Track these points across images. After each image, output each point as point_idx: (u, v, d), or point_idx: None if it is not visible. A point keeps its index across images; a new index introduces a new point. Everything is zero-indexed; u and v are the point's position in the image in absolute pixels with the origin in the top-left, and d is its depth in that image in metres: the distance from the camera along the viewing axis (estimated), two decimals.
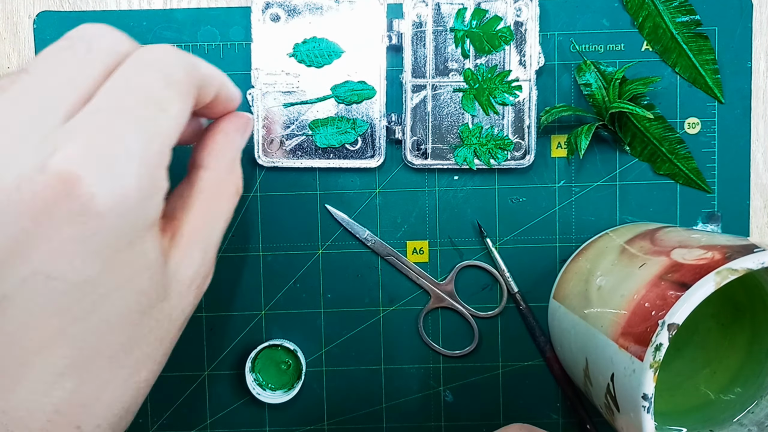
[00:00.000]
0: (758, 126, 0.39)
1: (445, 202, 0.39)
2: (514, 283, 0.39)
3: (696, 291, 0.25)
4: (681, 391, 0.34)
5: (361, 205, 0.39)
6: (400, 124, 0.38)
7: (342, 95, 0.38)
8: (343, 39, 0.38)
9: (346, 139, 0.38)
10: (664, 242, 0.31)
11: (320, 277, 0.39)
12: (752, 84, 0.39)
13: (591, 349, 0.31)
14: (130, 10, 0.39)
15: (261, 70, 0.38)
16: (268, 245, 0.39)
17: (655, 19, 0.38)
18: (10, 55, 0.39)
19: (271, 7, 0.38)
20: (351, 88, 0.38)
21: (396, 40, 0.38)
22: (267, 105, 0.38)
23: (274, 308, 0.39)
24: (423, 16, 0.38)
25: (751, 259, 0.25)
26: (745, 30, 0.38)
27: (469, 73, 0.38)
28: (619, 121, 0.38)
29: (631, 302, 0.28)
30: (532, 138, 0.38)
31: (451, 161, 0.38)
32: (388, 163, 0.39)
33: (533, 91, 0.38)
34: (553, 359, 0.39)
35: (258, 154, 0.38)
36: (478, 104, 0.38)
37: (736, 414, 0.31)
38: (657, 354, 0.25)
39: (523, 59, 0.38)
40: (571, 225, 0.39)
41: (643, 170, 0.39)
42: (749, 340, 0.33)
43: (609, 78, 0.38)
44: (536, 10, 0.37)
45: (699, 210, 0.39)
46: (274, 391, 0.38)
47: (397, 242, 0.39)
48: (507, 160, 0.38)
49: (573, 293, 0.35)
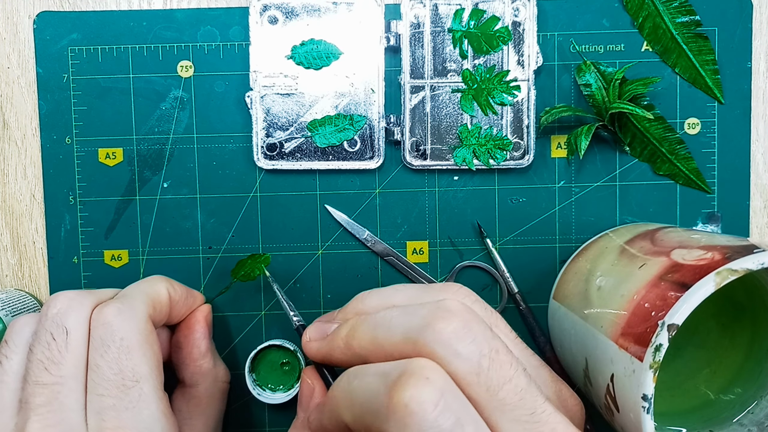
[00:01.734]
0: (758, 126, 0.39)
1: (445, 203, 0.39)
2: (514, 284, 0.39)
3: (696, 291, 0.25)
4: (681, 391, 0.34)
5: (361, 206, 0.39)
6: (398, 125, 0.38)
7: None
8: (341, 41, 0.38)
9: (345, 136, 0.38)
10: (664, 242, 0.31)
11: (320, 277, 0.39)
12: (752, 84, 0.39)
13: (591, 350, 0.31)
14: (130, 10, 0.39)
15: (259, 73, 0.38)
16: (268, 245, 0.39)
17: (655, 19, 0.38)
18: (10, 55, 0.39)
19: (269, 10, 0.38)
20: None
21: (394, 41, 0.38)
22: (265, 107, 0.38)
23: (274, 308, 0.39)
24: (421, 17, 0.38)
25: (751, 260, 0.25)
26: (745, 30, 0.38)
27: (468, 74, 0.38)
28: (619, 122, 0.38)
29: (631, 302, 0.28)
30: (531, 138, 0.38)
31: (450, 162, 0.38)
32: (388, 164, 0.39)
33: (532, 91, 0.38)
34: (553, 359, 0.39)
35: (257, 157, 0.38)
36: (477, 105, 0.38)
37: (736, 414, 0.31)
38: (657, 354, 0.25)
39: (521, 59, 0.38)
40: (571, 225, 0.39)
41: (643, 170, 0.39)
42: (749, 340, 0.33)
43: (609, 78, 0.38)
44: (534, 10, 0.37)
45: (699, 210, 0.39)
46: (274, 392, 0.38)
47: (397, 243, 0.39)
48: (506, 160, 0.38)
49: (573, 293, 0.35)
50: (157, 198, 0.39)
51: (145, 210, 0.39)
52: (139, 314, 0.30)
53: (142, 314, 0.30)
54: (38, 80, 0.39)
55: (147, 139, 0.39)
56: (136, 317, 0.29)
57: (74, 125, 0.39)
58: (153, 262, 0.39)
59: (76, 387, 0.28)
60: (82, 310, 0.29)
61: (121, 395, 0.27)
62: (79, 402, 0.28)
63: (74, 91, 0.39)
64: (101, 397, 0.27)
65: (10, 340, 0.29)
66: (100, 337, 0.28)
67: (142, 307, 0.30)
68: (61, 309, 0.29)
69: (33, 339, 0.29)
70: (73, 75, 0.39)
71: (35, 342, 0.29)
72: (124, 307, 0.29)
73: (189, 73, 0.39)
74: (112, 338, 0.28)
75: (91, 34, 0.39)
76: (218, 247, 0.39)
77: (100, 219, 0.39)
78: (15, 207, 0.40)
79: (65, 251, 0.39)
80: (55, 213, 0.39)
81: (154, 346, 0.30)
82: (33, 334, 0.29)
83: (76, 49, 0.38)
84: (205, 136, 0.39)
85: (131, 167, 0.39)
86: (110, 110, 0.39)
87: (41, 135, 0.39)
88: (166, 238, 0.39)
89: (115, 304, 0.29)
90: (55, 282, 0.39)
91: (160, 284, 0.33)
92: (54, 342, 0.28)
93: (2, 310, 0.36)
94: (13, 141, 0.39)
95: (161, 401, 0.29)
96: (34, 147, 0.39)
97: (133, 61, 0.39)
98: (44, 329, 0.29)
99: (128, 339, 0.28)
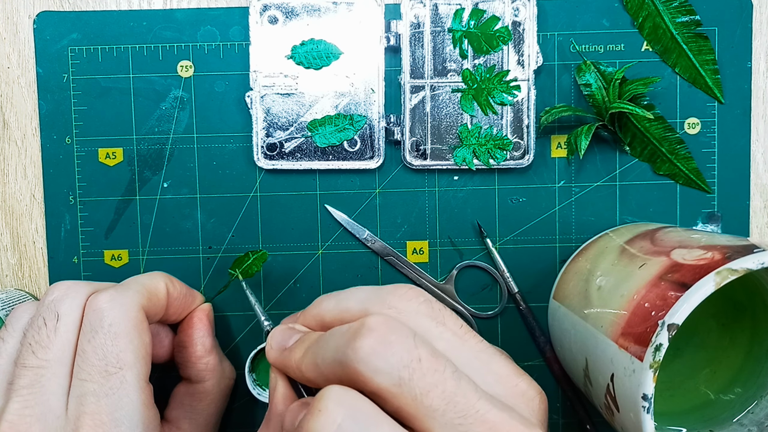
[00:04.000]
0: (758, 126, 0.39)
1: (445, 203, 0.39)
2: (513, 283, 0.39)
3: (696, 291, 0.25)
4: (681, 391, 0.34)
5: (361, 206, 0.39)
6: (399, 125, 0.38)
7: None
8: (342, 41, 0.38)
9: (345, 135, 0.38)
10: (664, 242, 0.31)
11: (320, 277, 0.39)
12: (752, 84, 0.39)
13: (591, 349, 0.31)
14: (130, 10, 0.39)
15: (259, 73, 0.38)
16: (268, 245, 0.39)
17: (655, 19, 0.38)
18: (10, 55, 0.39)
19: (269, 9, 0.38)
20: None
21: (394, 41, 0.38)
22: (265, 107, 0.38)
23: (274, 308, 0.39)
24: (421, 17, 0.38)
25: (751, 260, 0.25)
26: (745, 30, 0.38)
27: (468, 74, 0.38)
28: (619, 122, 0.38)
29: (631, 302, 0.28)
30: (531, 138, 0.38)
31: (450, 162, 0.38)
32: (388, 164, 0.39)
33: (531, 91, 0.38)
34: (553, 359, 0.39)
35: (257, 157, 0.38)
36: (477, 104, 0.38)
37: (736, 414, 0.31)
38: (657, 354, 0.25)
39: (521, 59, 0.38)
40: (571, 225, 0.39)
41: (643, 170, 0.39)
42: (749, 340, 0.33)
43: (609, 78, 0.38)
44: (534, 10, 0.37)
45: (699, 210, 0.39)
46: None
47: (397, 242, 0.39)
48: (506, 160, 0.38)
49: (573, 293, 0.35)
50: (157, 198, 0.39)
51: (145, 210, 0.39)
52: (131, 302, 0.30)
53: (133, 303, 0.30)
54: (38, 80, 0.39)
55: (147, 139, 0.39)
56: (126, 305, 0.30)
57: (74, 125, 0.39)
58: (153, 262, 0.39)
59: (60, 371, 0.28)
60: (77, 298, 0.30)
61: (103, 381, 0.28)
62: (62, 386, 0.28)
63: (74, 91, 0.39)
64: (83, 382, 0.28)
65: (9, 324, 0.30)
66: (90, 323, 0.29)
67: (136, 297, 0.30)
68: (57, 296, 0.30)
69: (27, 324, 0.30)
70: (73, 75, 0.39)
71: (29, 327, 0.29)
72: (117, 294, 0.30)
73: (189, 73, 0.39)
74: (101, 323, 0.29)
75: (91, 34, 0.39)
76: (218, 247, 0.39)
77: (100, 219, 0.39)
78: (15, 207, 0.40)
79: (65, 251, 0.39)
80: (55, 213, 0.39)
81: (144, 335, 0.30)
82: (29, 320, 0.30)
83: (76, 49, 0.38)
84: (205, 136, 0.39)
85: (131, 167, 0.39)
86: (110, 110, 0.39)
87: (41, 135, 0.39)
88: (166, 238, 0.39)
89: (109, 291, 0.30)
90: (55, 282, 0.39)
91: (159, 278, 0.33)
92: (44, 327, 0.29)
93: (2, 310, 0.36)
94: (13, 141, 0.39)
95: (143, 391, 0.29)
96: (34, 147, 0.39)
97: (133, 61, 0.39)
98: (38, 315, 0.29)
99: (116, 325, 0.29)
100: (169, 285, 0.33)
